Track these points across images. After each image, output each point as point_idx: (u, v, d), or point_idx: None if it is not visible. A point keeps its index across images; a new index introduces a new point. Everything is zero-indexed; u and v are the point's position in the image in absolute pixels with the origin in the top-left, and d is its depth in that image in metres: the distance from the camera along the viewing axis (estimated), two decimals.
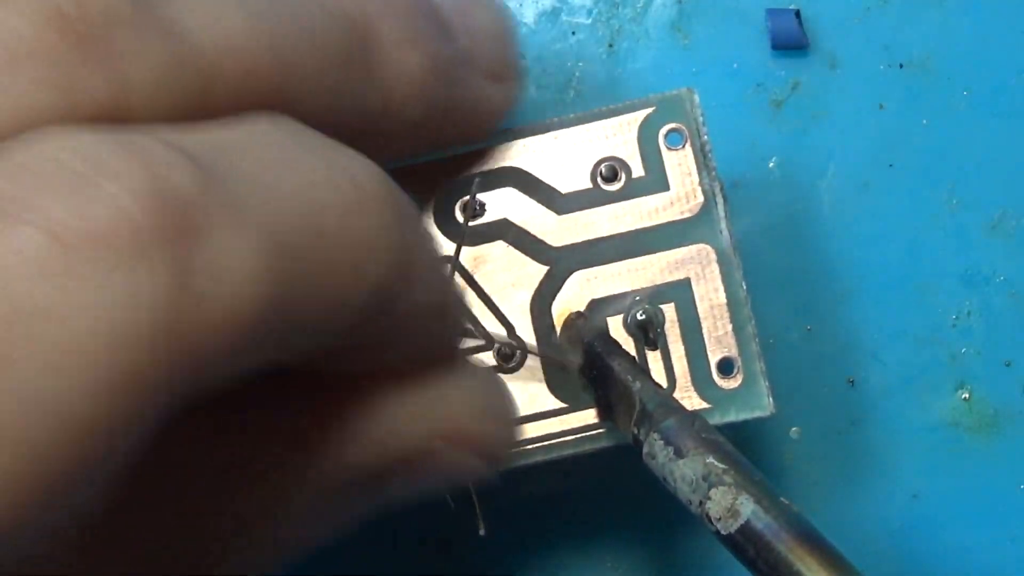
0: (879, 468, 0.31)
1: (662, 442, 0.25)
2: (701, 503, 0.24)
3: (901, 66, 0.32)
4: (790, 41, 0.32)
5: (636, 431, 0.26)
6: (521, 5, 0.32)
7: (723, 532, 0.23)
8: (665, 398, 0.26)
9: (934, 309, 0.32)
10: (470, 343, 0.28)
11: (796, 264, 0.31)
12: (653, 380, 0.27)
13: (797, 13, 0.32)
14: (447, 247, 0.28)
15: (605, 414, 0.27)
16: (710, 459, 0.24)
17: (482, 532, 0.26)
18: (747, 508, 0.23)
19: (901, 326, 0.31)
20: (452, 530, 0.31)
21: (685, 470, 0.24)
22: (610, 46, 0.32)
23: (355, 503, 0.23)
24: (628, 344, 0.28)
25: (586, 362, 0.27)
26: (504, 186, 0.28)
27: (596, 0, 0.32)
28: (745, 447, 0.31)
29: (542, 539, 0.31)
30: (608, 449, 0.27)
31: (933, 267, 0.32)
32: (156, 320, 0.17)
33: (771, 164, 0.32)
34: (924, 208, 0.32)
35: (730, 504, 0.23)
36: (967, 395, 0.31)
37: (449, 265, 0.27)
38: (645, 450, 0.25)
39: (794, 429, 0.31)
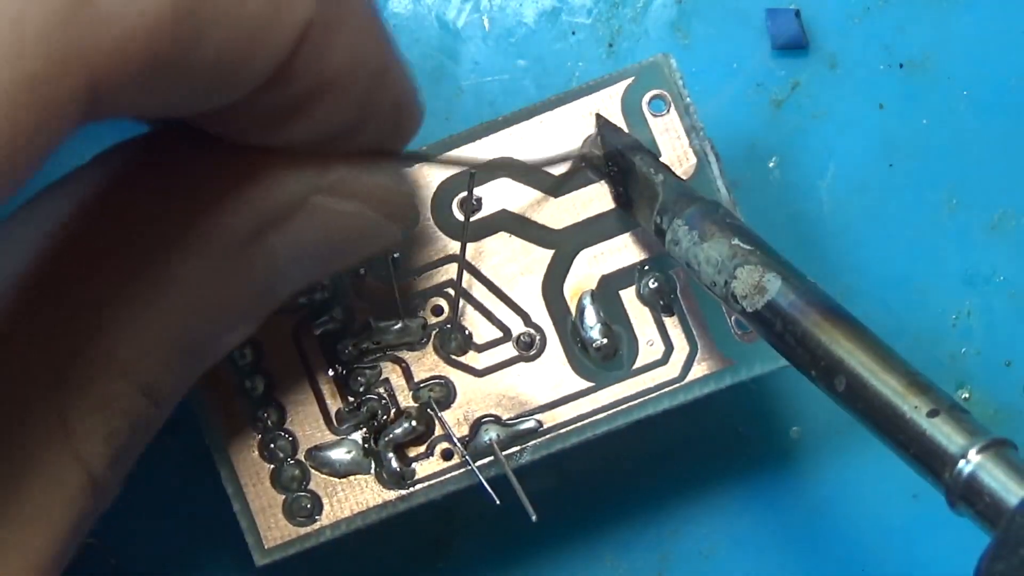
0: (879, 468, 0.31)
1: (686, 227, 0.25)
2: (727, 283, 0.24)
3: (901, 66, 0.32)
4: (790, 41, 0.32)
5: (659, 220, 0.26)
6: (521, 5, 0.32)
7: (749, 309, 0.23)
8: (687, 188, 0.26)
9: (934, 309, 0.32)
10: (488, 336, 0.28)
11: (796, 264, 0.31)
12: (675, 174, 0.27)
13: (797, 13, 0.32)
14: (449, 247, 0.28)
15: (626, 209, 0.27)
16: (735, 240, 0.24)
17: (534, 518, 0.26)
18: (774, 285, 0.23)
19: (901, 326, 0.31)
20: (452, 530, 0.31)
21: (710, 252, 0.24)
22: (610, 46, 0.32)
23: (244, 265, 0.23)
24: (645, 313, 0.28)
25: (607, 159, 0.27)
26: (497, 177, 0.28)
27: (596, 0, 0.32)
28: (745, 446, 0.31)
29: (541, 537, 0.31)
30: (640, 421, 0.27)
31: (933, 267, 0.32)
32: (62, 31, 0.18)
33: (771, 164, 0.32)
34: (924, 208, 0.32)
35: (756, 281, 0.23)
36: (967, 395, 0.31)
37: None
38: (668, 237, 0.25)
39: (794, 429, 0.31)
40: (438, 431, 0.27)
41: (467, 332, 0.28)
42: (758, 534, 0.31)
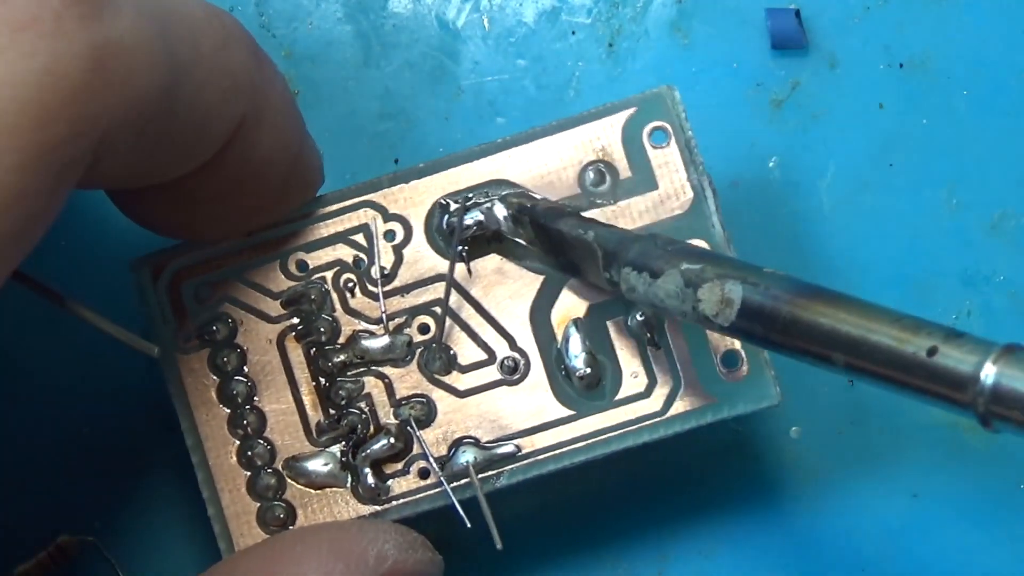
0: (879, 468, 0.31)
1: (635, 272, 0.25)
2: (695, 308, 0.24)
3: (901, 66, 0.32)
4: (790, 41, 0.32)
5: (608, 275, 0.25)
6: (521, 5, 0.32)
7: (725, 324, 0.23)
8: (621, 233, 0.26)
9: (934, 309, 0.32)
10: (472, 358, 0.28)
11: (796, 264, 0.31)
12: (602, 223, 0.27)
13: (797, 13, 0.32)
14: (439, 266, 0.28)
15: (575, 276, 0.27)
16: (684, 265, 0.24)
17: (499, 546, 0.26)
18: (736, 291, 0.23)
19: None
20: (452, 531, 0.31)
21: (667, 286, 0.24)
22: (610, 46, 0.32)
23: None
24: (631, 345, 0.28)
25: (537, 236, 0.27)
26: (493, 198, 0.28)
27: (596, 0, 0.32)
28: (745, 447, 0.31)
29: (541, 537, 0.31)
30: (618, 453, 0.27)
31: (933, 267, 0.32)
32: (74, 92, 0.19)
33: (771, 164, 0.32)
34: (924, 208, 0.32)
35: (720, 295, 0.23)
36: None
37: (447, 281, 0.28)
38: (623, 287, 0.25)
39: (794, 429, 0.31)
40: (416, 449, 0.27)
41: (452, 352, 0.28)
42: (758, 534, 0.31)
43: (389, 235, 0.28)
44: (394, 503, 0.27)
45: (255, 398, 0.28)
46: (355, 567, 0.25)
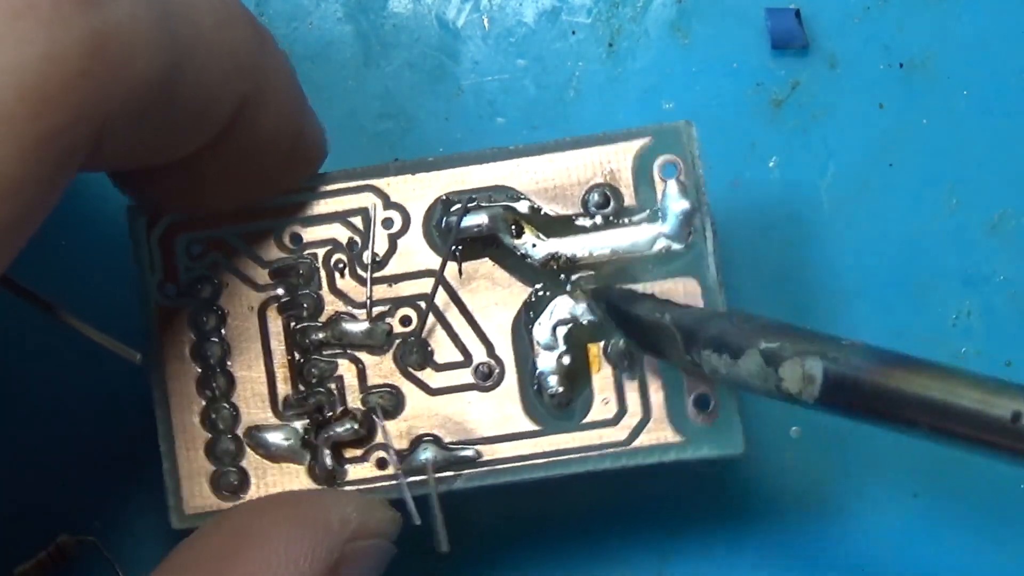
0: (879, 468, 0.31)
1: (716, 354, 0.24)
2: (778, 387, 0.23)
3: (901, 66, 0.32)
4: (790, 41, 0.32)
5: (690, 358, 0.25)
6: (521, 5, 0.32)
7: (811, 401, 0.23)
8: (695, 312, 0.26)
9: (934, 309, 0.32)
10: (449, 358, 0.28)
11: (796, 264, 0.31)
12: (678, 304, 0.26)
13: (797, 12, 0.32)
14: (431, 261, 0.28)
15: (662, 358, 0.27)
16: (763, 344, 0.23)
17: (442, 549, 0.27)
18: (817, 368, 0.23)
19: (901, 326, 0.31)
20: (451, 531, 0.31)
21: (749, 367, 0.24)
22: (610, 46, 0.32)
23: None
24: (607, 370, 0.27)
25: (619, 325, 0.27)
26: (498, 202, 0.28)
27: (596, 0, 0.32)
28: (745, 447, 0.31)
29: (541, 538, 0.31)
30: (577, 475, 0.27)
31: (933, 267, 0.32)
32: (73, 78, 0.19)
33: (771, 164, 0.32)
34: (924, 208, 0.32)
35: (801, 373, 0.23)
36: None
37: (435, 279, 0.28)
38: (707, 370, 0.25)
39: (794, 429, 0.31)
40: (378, 439, 0.28)
41: (429, 349, 0.28)
42: (758, 534, 0.31)
43: (387, 223, 0.28)
44: (348, 488, 0.27)
45: (228, 362, 0.28)
46: (321, 534, 0.25)
